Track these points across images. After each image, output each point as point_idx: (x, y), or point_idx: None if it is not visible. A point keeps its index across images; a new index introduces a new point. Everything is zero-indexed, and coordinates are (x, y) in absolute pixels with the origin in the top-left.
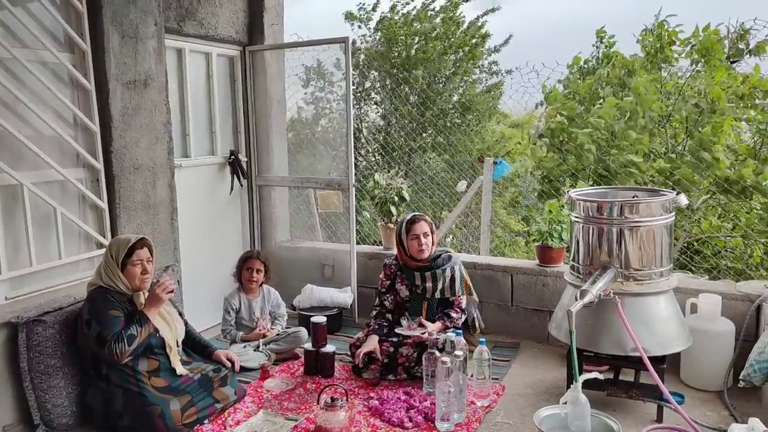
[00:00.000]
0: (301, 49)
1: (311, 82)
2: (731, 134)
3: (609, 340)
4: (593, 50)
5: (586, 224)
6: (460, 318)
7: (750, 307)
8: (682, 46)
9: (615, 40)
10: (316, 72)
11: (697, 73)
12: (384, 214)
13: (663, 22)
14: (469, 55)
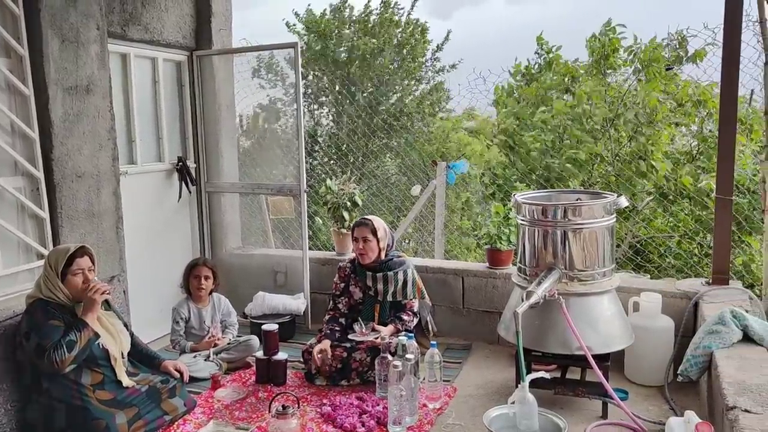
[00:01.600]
0: (251, 54)
1: (262, 87)
2: (669, 142)
3: (555, 339)
4: (535, 57)
5: (532, 227)
6: (411, 321)
7: (688, 304)
8: (627, 54)
9: (554, 46)
10: (266, 77)
11: (639, 81)
12: (337, 220)
13: (612, 29)
14: (412, 54)
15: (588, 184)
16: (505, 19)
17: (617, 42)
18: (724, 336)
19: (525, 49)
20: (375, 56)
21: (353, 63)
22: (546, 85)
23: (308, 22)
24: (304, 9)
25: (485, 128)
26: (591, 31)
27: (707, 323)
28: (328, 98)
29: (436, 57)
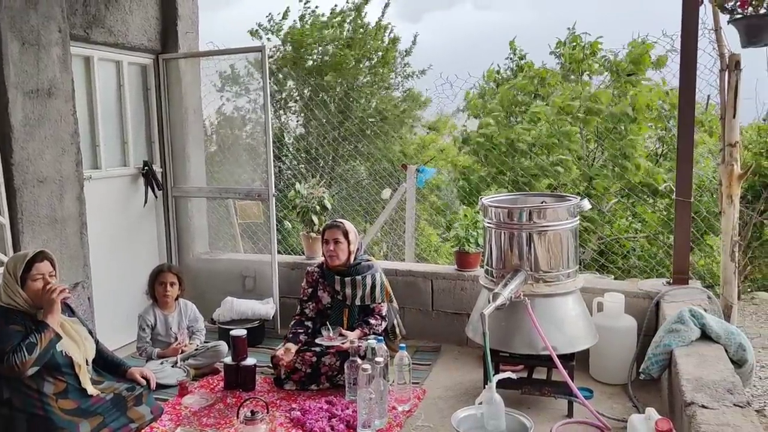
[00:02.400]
0: (218, 58)
1: (230, 91)
2: (643, 143)
3: (521, 340)
4: (507, 62)
5: (498, 229)
6: (379, 325)
7: (650, 303)
8: (601, 60)
9: (526, 53)
10: (233, 80)
11: (616, 85)
12: (306, 224)
13: (578, 36)
14: (383, 61)
15: (559, 186)
16: (473, 24)
17: (596, 45)
18: (684, 334)
19: (494, 53)
20: (348, 63)
21: (326, 70)
22: (518, 86)
23: (278, 28)
24: (275, 13)
25: (454, 128)
26: (558, 38)
27: (667, 322)
28: (297, 103)
29: (405, 63)
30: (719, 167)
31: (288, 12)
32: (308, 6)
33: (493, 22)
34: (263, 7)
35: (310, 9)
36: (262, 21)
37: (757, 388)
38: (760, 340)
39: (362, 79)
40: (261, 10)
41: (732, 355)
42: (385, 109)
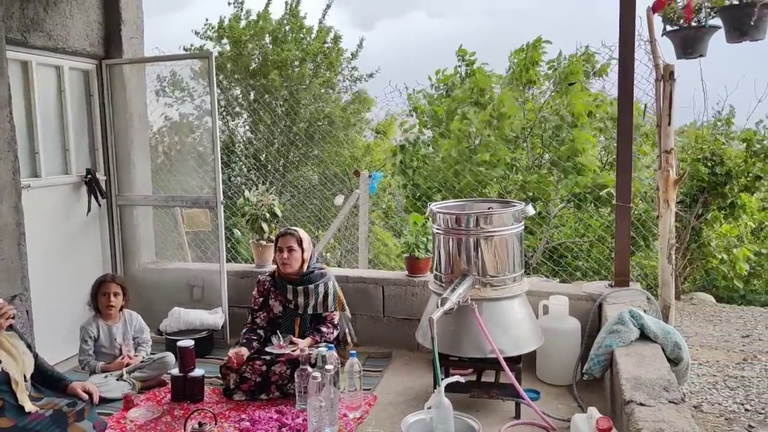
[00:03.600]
0: (165, 63)
1: (176, 97)
2: (588, 148)
3: (470, 344)
4: (457, 69)
5: (447, 235)
6: (331, 333)
7: (593, 305)
8: (549, 68)
9: (475, 59)
10: (180, 86)
11: (557, 93)
12: (256, 231)
13: (535, 43)
14: (327, 62)
15: (506, 192)
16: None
17: (538, 56)
18: (624, 335)
19: (445, 60)
20: (291, 65)
21: (269, 72)
22: (459, 98)
23: (220, 31)
24: (217, 18)
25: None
26: (510, 46)
27: (608, 323)
28: (243, 107)
29: (353, 66)
30: (656, 173)
31: (223, 21)
32: (241, 3)
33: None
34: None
35: (240, 3)
36: (212, 24)
37: (695, 384)
38: (697, 338)
39: (307, 81)
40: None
41: (669, 354)
42: (332, 112)
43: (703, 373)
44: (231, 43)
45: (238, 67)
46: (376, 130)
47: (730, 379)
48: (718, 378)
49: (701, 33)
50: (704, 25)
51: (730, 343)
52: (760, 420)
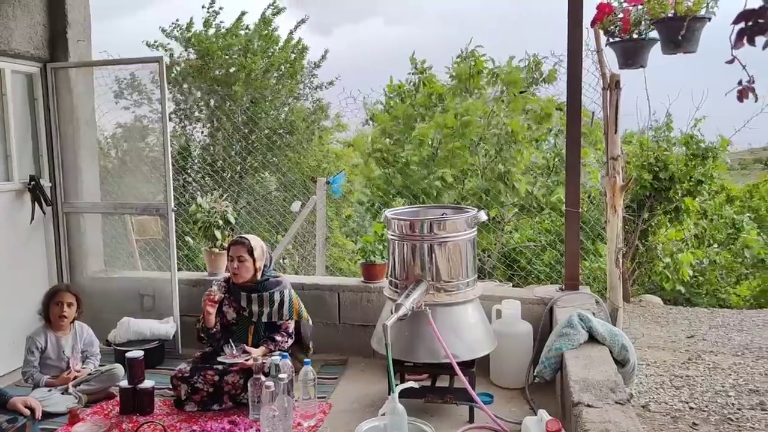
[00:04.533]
0: (115, 67)
1: (135, 101)
2: (528, 159)
3: (424, 349)
4: (409, 76)
5: (401, 241)
6: (286, 341)
7: (544, 309)
8: (489, 76)
9: (428, 67)
10: (136, 90)
11: (501, 102)
12: (208, 239)
13: (474, 51)
14: (290, 71)
15: (461, 198)
16: (384, 39)
17: (481, 64)
18: (573, 338)
19: (403, 67)
20: (256, 74)
21: (233, 80)
22: (417, 102)
23: (184, 36)
24: (183, 19)
25: (360, 143)
26: (459, 53)
27: (558, 327)
28: (203, 113)
29: (314, 74)
30: (603, 179)
31: (192, 23)
32: (212, 9)
33: (403, 37)
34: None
35: (215, 12)
36: (176, 25)
37: (644, 384)
38: (645, 339)
39: (269, 89)
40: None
41: (616, 356)
42: (293, 120)
43: (651, 373)
44: (197, 52)
45: (201, 75)
46: (348, 143)
47: (675, 378)
48: (664, 378)
49: (640, 45)
50: (644, 37)
51: (676, 343)
52: (704, 417)
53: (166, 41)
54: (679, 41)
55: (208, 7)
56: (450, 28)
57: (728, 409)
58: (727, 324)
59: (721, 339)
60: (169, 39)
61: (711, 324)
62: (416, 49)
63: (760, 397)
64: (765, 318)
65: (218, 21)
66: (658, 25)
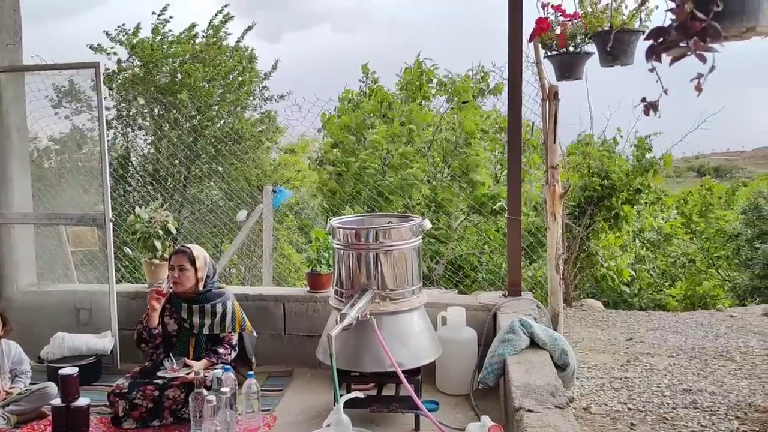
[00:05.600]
0: (51, 72)
1: (67, 109)
2: (485, 156)
3: (370, 358)
4: (360, 84)
5: (347, 250)
6: (228, 354)
7: (488, 315)
8: (439, 85)
9: (378, 76)
10: (72, 98)
11: (452, 109)
12: (148, 250)
13: (421, 62)
14: (239, 81)
15: (411, 206)
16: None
17: (431, 73)
18: (515, 343)
19: (352, 74)
20: (202, 83)
21: (178, 88)
22: (367, 110)
23: (127, 42)
24: (128, 26)
25: (308, 151)
26: (405, 63)
27: (501, 333)
28: (146, 121)
29: (264, 86)
30: (544, 188)
31: (140, 28)
32: (162, 17)
33: (352, 45)
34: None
35: (164, 20)
36: (122, 29)
37: (585, 387)
38: (586, 343)
39: (216, 98)
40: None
41: (556, 360)
42: (241, 129)
43: (592, 376)
44: (142, 58)
45: (146, 82)
46: (292, 150)
47: (615, 380)
48: (605, 380)
49: (577, 58)
50: (579, 51)
51: (615, 346)
52: (641, 418)
53: (111, 45)
54: (615, 54)
55: (159, 14)
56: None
57: (664, 408)
58: (663, 326)
59: (658, 341)
60: (113, 43)
61: (648, 326)
62: (365, 57)
63: (693, 396)
64: (697, 320)
65: (167, 29)
66: (595, 39)
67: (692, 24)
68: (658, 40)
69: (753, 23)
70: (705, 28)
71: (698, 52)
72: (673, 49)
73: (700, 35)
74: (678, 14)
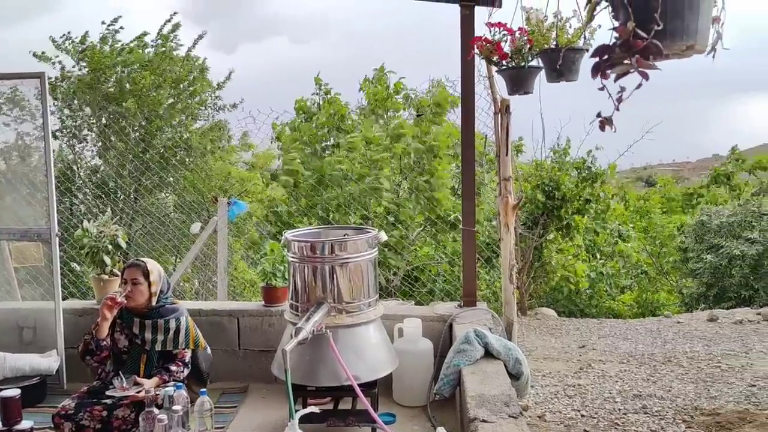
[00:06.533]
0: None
1: (15, 117)
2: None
3: (326, 372)
4: (314, 96)
5: (302, 263)
6: (181, 371)
7: (444, 326)
8: (405, 99)
9: (331, 88)
10: (14, 106)
11: (417, 122)
12: (97, 265)
13: (383, 75)
14: (191, 90)
15: (370, 217)
16: (289, 57)
17: (399, 85)
18: (470, 354)
19: (307, 87)
20: (150, 91)
21: (126, 97)
22: (320, 123)
23: (74, 50)
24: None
25: (265, 163)
26: (367, 74)
27: (456, 343)
28: (93, 132)
29: (217, 96)
30: (497, 199)
31: (87, 36)
32: (112, 27)
33: (308, 57)
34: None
35: (114, 30)
36: (67, 37)
37: (540, 395)
38: (541, 351)
39: (167, 107)
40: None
41: (510, 370)
42: (191, 138)
43: (547, 384)
44: (90, 66)
45: (93, 91)
46: (252, 164)
47: (569, 387)
48: (559, 387)
49: (526, 72)
50: (524, 66)
51: (569, 354)
52: (594, 424)
53: (56, 54)
54: (561, 71)
55: (109, 24)
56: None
57: (615, 414)
58: (614, 333)
59: (609, 348)
60: (59, 51)
61: (600, 334)
62: (321, 68)
63: (643, 401)
64: (646, 326)
65: (116, 37)
66: (542, 56)
67: (635, 42)
68: (603, 58)
69: (692, 42)
70: (647, 46)
71: (641, 69)
72: (617, 66)
73: (643, 53)
74: (621, 32)
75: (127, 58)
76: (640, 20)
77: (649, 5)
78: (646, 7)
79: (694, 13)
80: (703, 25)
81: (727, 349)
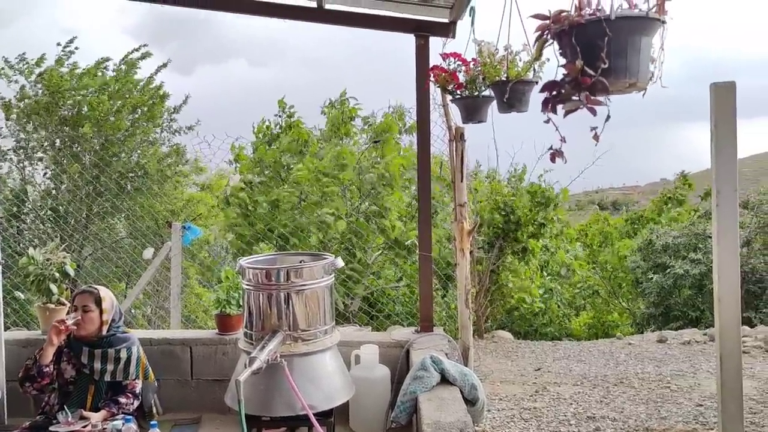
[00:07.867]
0: None
1: None
2: (402, 201)
3: (281, 402)
4: (277, 119)
5: (257, 291)
6: (131, 404)
7: (401, 352)
8: (363, 123)
9: (295, 111)
10: None
11: (374, 148)
12: (42, 293)
13: (345, 100)
14: (148, 115)
15: (327, 241)
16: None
17: (354, 111)
18: (426, 380)
19: (267, 109)
20: (108, 116)
21: (83, 121)
22: (284, 147)
23: (28, 72)
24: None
25: (220, 185)
26: (329, 98)
27: (413, 370)
28: (48, 154)
29: (173, 118)
30: (453, 224)
31: (44, 58)
32: (68, 49)
33: (267, 80)
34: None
35: (70, 52)
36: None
37: (496, 419)
38: (497, 374)
39: (124, 132)
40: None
41: (466, 395)
42: (147, 163)
43: (503, 408)
44: (46, 88)
45: (49, 113)
46: (203, 185)
47: (525, 411)
48: (515, 411)
49: (479, 102)
50: (478, 95)
51: (524, 377)
52: None
53: (10, 75)
54: (511, 102)
55: (65, 46)
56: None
57: None
58: (568, 355)
59: (564, 370)
60: (13, 72)
61: (555, 356)
62: (280, 92)
63: (597, 423)
64: (599, 348)
65: (72, 60)
66: (494, 88)
67: (583, 79)
68: (552, 93)
69: (634, 80)
70: (594, 83)
71: (589, 106)
72: (567, 103)
73: (590, 89)
74: (570, 69)
75: (88, 82)
76: (587, 59)
77: (595, 45)
78: (593, 46)
79: (635, 53)
80: (644, 64)
81: (676, 369)
